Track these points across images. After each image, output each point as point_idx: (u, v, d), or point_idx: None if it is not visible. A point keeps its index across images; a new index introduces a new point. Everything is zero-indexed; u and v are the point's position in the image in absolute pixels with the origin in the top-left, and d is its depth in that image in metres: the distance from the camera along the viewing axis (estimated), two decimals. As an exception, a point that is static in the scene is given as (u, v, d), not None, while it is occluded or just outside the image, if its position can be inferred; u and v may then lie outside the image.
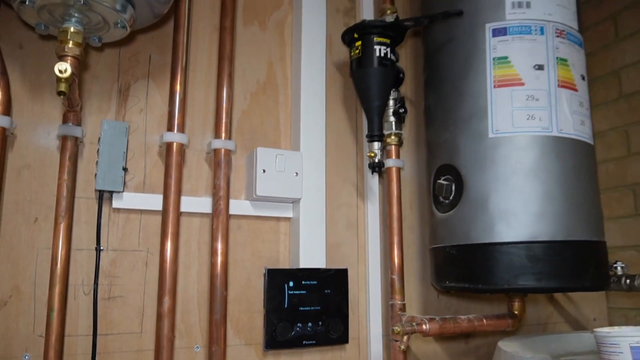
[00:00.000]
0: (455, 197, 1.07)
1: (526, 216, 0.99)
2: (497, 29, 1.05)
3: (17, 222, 0.95)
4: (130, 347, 0.99)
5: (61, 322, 0.91)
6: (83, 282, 0.97)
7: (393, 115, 1.20)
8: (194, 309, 1.05)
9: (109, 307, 0.99)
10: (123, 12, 0.87)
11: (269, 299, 1.08)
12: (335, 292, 1.14)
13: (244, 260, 1.11)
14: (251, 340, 1.09)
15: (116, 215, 1.02)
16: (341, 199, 1.23)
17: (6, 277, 0.92)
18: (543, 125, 1.01)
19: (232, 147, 1.07)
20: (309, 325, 1.10)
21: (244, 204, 1.10)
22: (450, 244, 1.07)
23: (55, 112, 1.00)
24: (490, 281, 1.00)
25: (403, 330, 1.04)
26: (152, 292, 1.02)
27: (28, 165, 0.97)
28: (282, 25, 1.25)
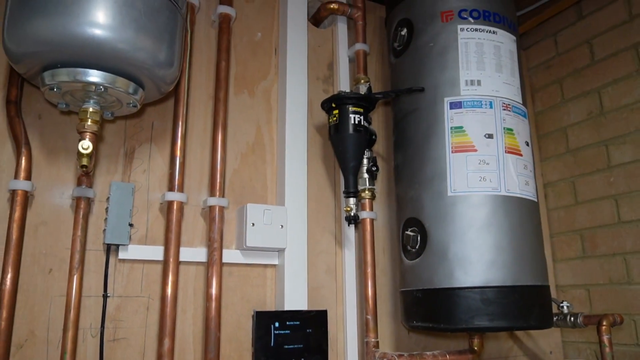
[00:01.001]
0: (421, 247, 1.23)
1: (480, 264, 1.14)
2: (453, 102, 1.24)
3: (34, 273, 1.07)
4: (133, 384, 1.11)
5: (72, 363, 1.03)
6: (91, 326, 1.09)
7: (367, 173, 1.36)
8: (190, 348, 1.17)
9: (114, 348, 1.11)
10: (135, 94, 1.02)
11: (257, 339, 1.21)
12: (316, 331, 1.27)
13: (235, 303, 1.24)
14: (240, 376, 1.21)
15: (122, 265, 1.15)
16: (321, 247, 1.38)
17: (23, 322, 1.04)
18: (493, 185, 1.18)
19: (225, 204, 1.22)
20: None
21: (235, 253, 1.24)
22: (417, 288, 1.22)
23: (68, 175, 1.14)
24: (451, 321, 1.15)
25: (376, 365, 1.18)
26: (152, 334, 1.14)
27: (44, 222, 1.10)
28: (269, 92, 1.42)
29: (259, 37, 1.45)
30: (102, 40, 0.91)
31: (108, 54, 0.93)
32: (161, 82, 1.06)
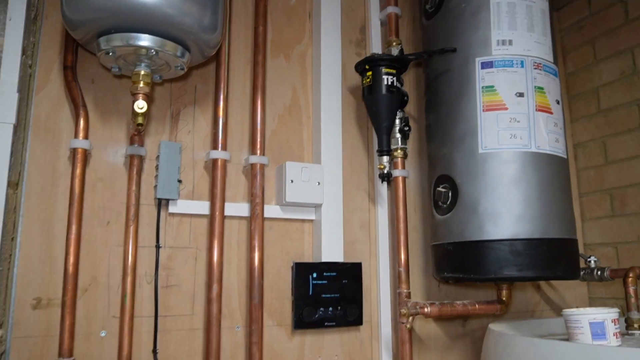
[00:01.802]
0: (452, 202, 1.28)
1: (509, 218, 1.20)
2: (485, 62, 1.27)
3: (94, 225, 1.17)
4: (184, 326, 1.21)
5: (132, 306, 1.13)
6: (146, 273, 1.19)
7: (399, 133, 1.41)
8: (235, 295, 1.27)
9: (167, 293, 1.21)
10: (182, 57, 1.09)
11: (296, 288, 1.29)
12: (351, 282, 1.35)
13: (275, 255, 1.33)
14: (282, 321, 1.31)
15: (171, 219, 1.24)
16: (355, 204, 1.45)
17: (87, 269, 1.14)
18: (523, 143, 1.22)
19: (265, 161, 1.29)
20: (330, 309, 1.31)
21: (275, 208, 1.32)
22: (448, 242, 1.28)
23: (121, 135, 1.22)
24: (481, 272, 1.21)
25: (408, 312, 1.26)
26: (200, 281, 1.24)
27: (101, 179, 1.19)
28: (304, 56, 1.47)
29: (293, 2, 1.49)
30: (153, 6, 0.98)
31: (158, 19, 1.00)
32: (205, 46, 1.12)
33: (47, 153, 1.15)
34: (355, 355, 1.37)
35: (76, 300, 1.10)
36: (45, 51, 1.18)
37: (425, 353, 1.46)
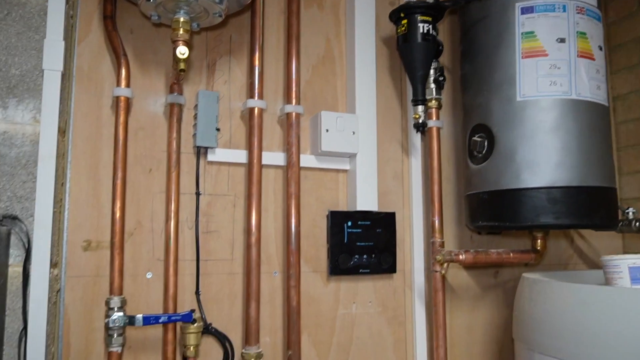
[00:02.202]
0: (488, 151, 1.28)
1: (547, 166, 1.19)
2: (525, 7, 1.24)
3: (137, 172, 1.21)
4: (224, 270, 1.26)
5: (175, 249, 1.18)
6: (187, 219, 1.24)
7: (434, 83, 1.40)
8: (272, 242, 1.31)
9: (207, 239, 1.25)
10: (220, 4, 1.09)
11: (331, 236, 1.32)
12: (385, 231, 1.37)
13: (310, 204, 1.35)
14: (317, 268, 1.34)
15: (210, 167, 1.27)
16: (389, 155, 1.46)
17: (132, 214, 1.19)
18: (563, 90, 1.20)
19: (301, 111, 1.30)
20: (364, 257, 1.34)
21: (310, 158, 1.34)
22: (483, 190, 1.28)
23: (160, 85, 1.25)
24: (517, 219, 1.21)
25: (443, 258, 1.28)
26: (239, 228, 1.28)
27: (142, 128, 1.22)
28: (337, 6, 1.46)
29: (326, -49, 1.47)
30: (192, -50, 0.98)
31: (197, -36, 1.00)
32: (242, -8, 1.12)
33: (91, 102, 1.18)
34: (388, 302, 1.41)
35: (123, 243, 1.15)
36: (85, 1, 1.20)
37: (456, 302, 1.48)
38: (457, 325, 1.47)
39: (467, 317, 1.49)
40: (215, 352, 1.23)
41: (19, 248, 1.00)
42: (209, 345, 1.23)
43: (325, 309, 1.34)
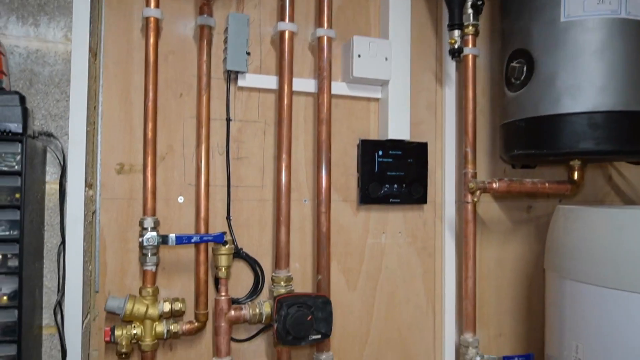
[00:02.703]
0: (526, 77, 1.23)
1: (590, 90, 1.14)
2: None
3: (168, 97, 1.20)
4: (255, 197, 1.26)
5: (206, 174, 1.18)
6: (217, 145, 1.24)
7: (471, 8, 1.33)
8: (302, 170, 1.30)
9: (238, 165, 1.25)
10: None
11: (362, 164, 1.31)
12: (416, 161, 1.35)
13: (341, 133, 1.33)
14: (347, 197, 1.34)
15: (240, 93, 1.26)
16: (422, 84, 1.41)
17: (163, 138, 1.19)
18: (612, 8, 1.13)
19: (333, 34, 1.26)
20: (395, 186, 1.33)
21: (341, 85, 1.31)
22: (520, 118, 1.24)
23: (188, 7, 1.22)
24: (555, 146, 1.17)
25: (476, 186, 1.25)
26: (269, 155, 1.27)
27: (172, 52, 1.21)
28: None
29: None
30: None
31: None
32: None
33: (121, 24, 1.17)
34: (418, 233, 1.40)
35: (156, 166, 1.16)
36: None
37: (487, 235, 1.47)
38: (486, 258, 1.46)
39: (497, 250, 1.48)
40: (245, 275, 1.25)
41: (55, 166, 1.02)
42: (240, 269, 1.25)
43: (354, 238, 1.35)
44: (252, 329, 1.24)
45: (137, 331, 1.11)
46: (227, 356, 1.15)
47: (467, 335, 1.36)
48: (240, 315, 1.16)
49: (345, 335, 1.33)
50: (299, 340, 1.10)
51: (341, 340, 1.33)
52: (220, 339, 1.15)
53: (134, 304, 1.10)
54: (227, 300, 1.15)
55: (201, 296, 1.16)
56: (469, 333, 1.36)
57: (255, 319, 1.16)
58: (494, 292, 1.48)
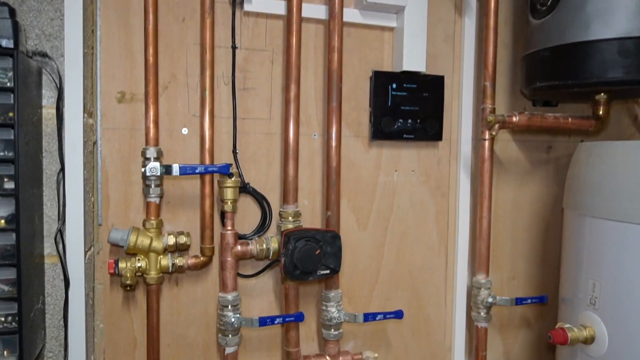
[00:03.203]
0: (553, 2, 1.14)
1: (622, 14, 1.05)
2: None
3: (170, 22, 1.13)
4: (262, 129, 1.21)
5: (211, 104, 1.12)
6: (223, 74, 1.17)
7: None
8: (312, 102, 1.24)
9: (244, 96, 1.19)
10: None
11: (375, 97, 1.24)
12: (432, 96, 1.28)
13: (353, 64, 1.26)
14: (359, 133, 1.28)
15: (246, 19, 1.18)
16: (440, 14, 1.33)
17: (165, 66, 1.13)
18: None
19: (345, -45, 1.17)
20: (409, 122, 1.26)
21: (354, 12, 1.23)
22: (544, 47, 1.16)
23: None
24: (581, 76, 1.10)
25: (495, 119, 1.19)
26: (277, 86, 1.21)
27: (173, -28, 1.13)
28: None
29: None
30: None
31: None
32: None
33: (118, -59, 1.09)
34: (432, 171, 1.35)
35: (158, 94, 1.11)
36: None
37: (504, 176, 1.41)
38: (502, 199, 1.41)
39: (514, 191, 1.42)
40: (252, 211, 1.21)
41: (51, 89, 0.97)
42: (247, 204, 1.21)
43: (365, 175, 1.30)
44: (259, 266, 1.21)
45: (141, 264, 1.08)
46: (234, 291, 1.13)
47: (479, 277, 1.32)
48: (246, 250, 1.13)
49: (355, 274, 1.30)
50: (306, 275, 1.07)
51: (351, 279, 1.30)
52: (226, 274, 1.12)
53: (137, 236, 1.07)
54: (233, 235, 1.12)
55: (207, 230, 1.13)
56: (481, 275, 1.32)
57: (263, 254, 1.13)
58: (508, 234, 1.43)
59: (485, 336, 1.33)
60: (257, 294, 1.23)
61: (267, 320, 1.10)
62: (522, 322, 1.47)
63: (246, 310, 1.22)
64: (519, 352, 1.48)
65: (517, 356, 1.48)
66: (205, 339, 1.21)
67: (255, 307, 1.23)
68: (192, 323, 1.20)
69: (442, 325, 1.39)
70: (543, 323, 1.48)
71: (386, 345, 1.35)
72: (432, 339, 1.39)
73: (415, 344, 1.38)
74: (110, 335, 1.15)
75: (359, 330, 1.31)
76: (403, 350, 1.37)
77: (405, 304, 1.35)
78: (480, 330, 1.33)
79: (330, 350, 1.21)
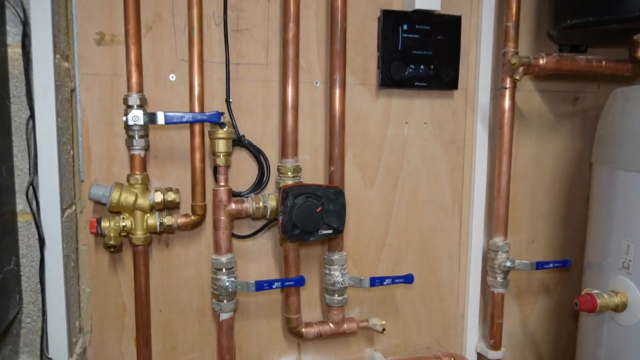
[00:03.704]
0: None
1: None
2: None
3: (152, -47, 1.01)
4: (258, 76, 1.09)
5: (200, 46, 1.01)
6: (214, 14, 1.05)
7: None
8: (313, 46, 1.11)
9: (238, 39, 1.07)
10: None
11: (383, 40, 1.12)
12: (447, 38, 1.15)
13: (359, 3, 1.13)
14: (366, 81, 1.16)
15: (239, -50, 1.05)
16: (457, -54, 1.18)
17: (149, 4, 1.01)
18: None
19: None
20: (421, 67, 1.14)
21: (360, -58, 1.09)
22: (577, -22, 1.02)
23: None
24: (619, 10, 0.96)
25: (519, 61, 1.06)
26: (274, 28, 1.09)
27: None
28: None
29: None
30: None
31: None
32: None
33: None
34: (446, 124, 1.23)
35: (140, 34, 0.99)
36: None
37: (525, 130, 1.28)
38: (522, 155, 1.29)
39: (535, 147, 1.30)
40: (249, 167, 1.11)
41: (17, 25, 0.85)
42: (242, 160, 1.10)
43: (373, 128, 1.18)
44: (257, 227, 1.12)
45: (126, 223, 0.99)
46: (228, 253, 1.04)
47: (496, 239, 1.22)
48: (241, 209, 1.03)
49: (361, 235, 1.20)
50: (307, 234, 0.97)
51: (356, 241, 1.20)
52: (219, 234, 1.02)
53: (121, 192, 0.97)
54: (226, 191, 1.01)
55: (197, 186, 1.03)
56: (499, 237, 1.22)
57: (259, 213, 1.03)
58: (529, 193, 1.31)
59: (501, 303, 1.24)
60: (255, 257, 1.14)
61: (264, 284, 1.01)
62: (541, 288, 1.37)
63: (243, 273, 1.13)
64: (537, 319, 1.38)
65: (535, 324, 1.38)
66: (200, 304, 1.12)
67: (253, 271, 1.14)
68: (185, 287, 1.11)
69: (454, 291, 1.30)
70: (564, 289, 1.38)
71: (394, 311, 1.26)
72: (444, 305, 1.30)
73: (426, 311, 1.28)
74: (97, 300, 1.07)
75: (365, 295, 1.22)
76: (413, 317, 1.28)
77: (416, 268, 1.25)
78: (496, 296, 1.23)
79: (333, 317, 1.13)
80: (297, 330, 1.11)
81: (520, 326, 1.37)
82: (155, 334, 1.10)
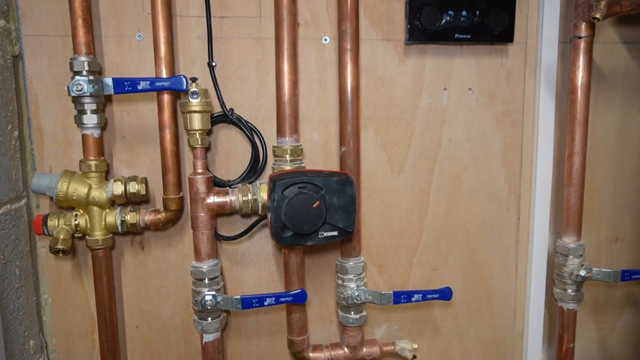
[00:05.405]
0: None
1: None
2: None
3: None
4: (249, 33, 0.85)
5: (169, -7, 0.78)
6: (189, -47, 0.82)
7: None
8: (319, -11, 0.86)
9: (222, -17, 0.84)
10: None
11: (411, -22, 0.84)
12: (498, -26, 0.86)
13: None
14: (390, 35, 0.89)
15: None
16: None
17: (104, -58, 0.79)
18: None
19: None
20: (463, 14, 0.86)
21: None
22: None
23: None
24: None
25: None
26: (268, -31, 0.84)
27: None
28: None
29: None
30: None
31: None
32: None
33: None
34: (497, 91, 0.94)
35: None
36: None
37: (605, 95, 0.98)
38: (601, 128, 0.99)
39: (620, 118, 0.99)
40: (240, 149, 0.88)
41: None
42: (232, 139, 0.87)
43: (400, 97, 0.91)
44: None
45: (79, 221, 0.78)
46: (211, 259, 0.81)
47: (567, 239, 0.93)
48: (224, 203, 0.79)
49: (388, 235, 0.95)
50: (302, 238, 0.72)
51: (381, 241, 0.94)
52: (198, 235, 0.80)
53: (69, 183, 0.76)
54: (204, 180, 0.79)
55: (169, 174, 0.80)
56: (570, 236, 0.93)
57: (249, 207, 0.80)
58: (609, 178, 1.01)
59: (573, 321, 0.95)
60: (253, 261, 0.91)
61: (253, 301, 0.78)
62: (626, 301, 1.06)
63: (237, 283, 0.91)
64: (619, 341, 1.08)
65: (617, 346, 1.08)
66: (185, 319, 0.91)
67: (249, 279, 0.91)
68: (167, 298, 0.90)
69: (510, 304, 1.02)
70: (656, 302, 1.07)
71: (432, 330, 1.00)
72: (496, 322, 1.02)
73: (473, 329, 1.02)
74: (60, 313, 0.88)
75: (393, 310, 0.97)
76: (456, 337, 1.01)
77: (460, 276, 0.99)
78: (566, 313, 0.95)
79: (349, 340, 0.88)
80: (302, 355, 0.87)
81: (597, 348, 1.07)
82: (131, 355, 0.90)
